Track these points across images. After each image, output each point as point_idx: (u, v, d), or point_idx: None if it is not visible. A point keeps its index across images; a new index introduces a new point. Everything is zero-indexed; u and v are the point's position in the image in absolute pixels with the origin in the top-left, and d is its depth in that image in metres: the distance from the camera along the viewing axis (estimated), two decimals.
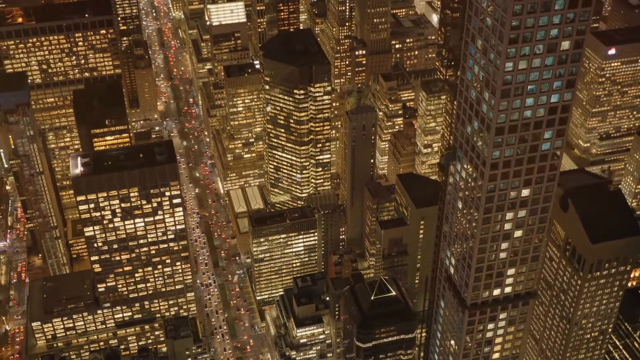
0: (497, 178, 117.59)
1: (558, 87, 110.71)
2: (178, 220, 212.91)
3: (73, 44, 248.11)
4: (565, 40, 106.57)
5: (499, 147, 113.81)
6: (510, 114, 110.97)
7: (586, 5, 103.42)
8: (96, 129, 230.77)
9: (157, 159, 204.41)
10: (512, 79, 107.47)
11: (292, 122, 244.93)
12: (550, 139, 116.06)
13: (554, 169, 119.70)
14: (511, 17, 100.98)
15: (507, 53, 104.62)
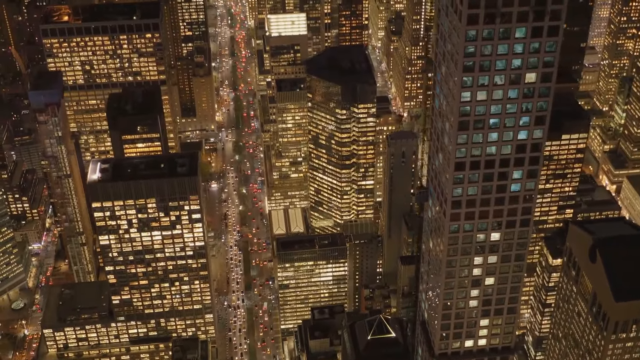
0: (461, 218, 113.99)
1: (526, 123, 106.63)
2: (197, 236, 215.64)
3: (117, 46, 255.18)
4: (530, 72, 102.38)
5: (460, 184, 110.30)
6: (471, 148, 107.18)
7: (552, 35, 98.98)
8: (127, 134, 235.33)
9: (178, 171, 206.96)
10: (471, 110, 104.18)
11: (334, 143, 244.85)
12: (521, 179, 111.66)
13: (527, 213, 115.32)
14: (464, 42, 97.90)
15: (462, 81, 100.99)
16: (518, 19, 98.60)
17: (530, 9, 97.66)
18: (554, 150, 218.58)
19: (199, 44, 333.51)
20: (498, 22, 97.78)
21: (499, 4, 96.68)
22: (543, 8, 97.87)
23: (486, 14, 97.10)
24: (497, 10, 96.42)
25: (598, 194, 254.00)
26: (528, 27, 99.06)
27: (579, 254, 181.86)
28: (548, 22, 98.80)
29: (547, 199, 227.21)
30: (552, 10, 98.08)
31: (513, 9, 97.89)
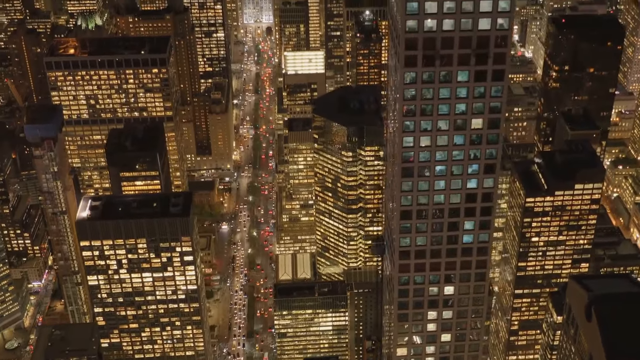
0: (410, 269, 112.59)
1: (475, 171, 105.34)
2: (190, 279, 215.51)
3: (123, 81, 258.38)
4: (476, 118, 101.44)
5: (408, 234, 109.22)
6: (417, 196, 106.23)
7: (497, 79, 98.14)
8: (126, 172, 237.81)
9: (171, 211, 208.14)
10: (414, 156, 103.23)
11: (340, 186, 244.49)
12: (473, 230, 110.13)
13: (482, 267, 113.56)
14: (403, 85, 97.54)
15: (403, 126, 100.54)
16: (459, 62, 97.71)
17: (472, 52, 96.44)
18: (567, 201, 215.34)
19: (217, 80, 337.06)
20: (438, 64, 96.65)
21: (438, 46, 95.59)
22: (485, 51, 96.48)
23: (425, 56, 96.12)
24: (436, 52, 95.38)
25: (624, 247, 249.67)
26: (471, 71, 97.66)
27: (577, 312, 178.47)
28: (492, 65, 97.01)
29: (560, 251, 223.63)
30: (496, 54, 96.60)
31: (453, 52, 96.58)
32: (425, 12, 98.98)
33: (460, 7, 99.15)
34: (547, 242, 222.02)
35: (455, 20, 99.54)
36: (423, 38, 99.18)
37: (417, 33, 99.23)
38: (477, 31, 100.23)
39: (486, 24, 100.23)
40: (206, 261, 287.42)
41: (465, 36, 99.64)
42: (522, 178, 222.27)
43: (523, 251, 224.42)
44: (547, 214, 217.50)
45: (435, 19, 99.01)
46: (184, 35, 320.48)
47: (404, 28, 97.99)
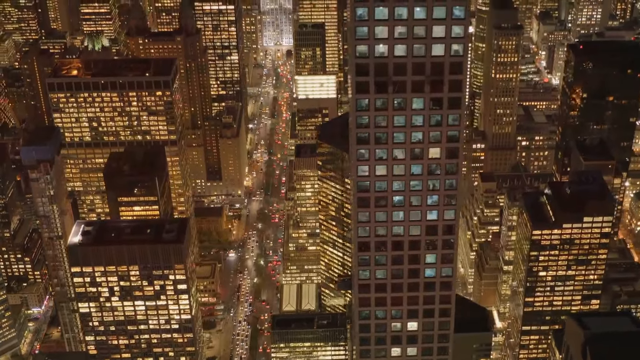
0: (371, 304, 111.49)
1: (434, 202, 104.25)
2: (184, 308, 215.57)
3: (126, 103, 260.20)
4: (433, 147, 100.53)
5: (367, 266, 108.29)
6: (375, 227, 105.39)
7: (454, 107, 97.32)
8: (124, 196, 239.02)
9: (164, 237, 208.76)
10: (370, 185, 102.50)
11: (344, 215, 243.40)
12: (435, 264, 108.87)
13: (446, 302, 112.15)
14: (356, 111, 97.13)
15: (357, 154, 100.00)
16: (414, 89, 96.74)
17: (426, 79, 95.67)
18: (576, 234, 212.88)
19: (230, 104, 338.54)
20: (391, 91, 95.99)
21: (390, 72, 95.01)
22: (440, 78, 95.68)
23: (377, 83, 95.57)
24: (388, 78, 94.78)
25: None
26: (426, 98, 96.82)
27: (574, 351, 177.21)
28: (448, 93, 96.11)
29: (570, 287, 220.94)
30: (451, 81, 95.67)
31: (406, 78, 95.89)
32: (375, 37, 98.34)
33: (412, 32, 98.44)
34: (555, 277, 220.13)
35: (408, 45, 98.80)
36: (374, 64, 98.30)
37: (368, 58, 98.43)
38: (430, 57, 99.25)
39: (440, 50, 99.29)
40: (210, 290, 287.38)
41: (419, 62, 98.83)
42: (529, 210, 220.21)
43: (530, 286, 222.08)
44: (555, 247, 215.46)
45: (387, 44, 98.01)
46: (195, 57, 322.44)
47: (354, 53, 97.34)
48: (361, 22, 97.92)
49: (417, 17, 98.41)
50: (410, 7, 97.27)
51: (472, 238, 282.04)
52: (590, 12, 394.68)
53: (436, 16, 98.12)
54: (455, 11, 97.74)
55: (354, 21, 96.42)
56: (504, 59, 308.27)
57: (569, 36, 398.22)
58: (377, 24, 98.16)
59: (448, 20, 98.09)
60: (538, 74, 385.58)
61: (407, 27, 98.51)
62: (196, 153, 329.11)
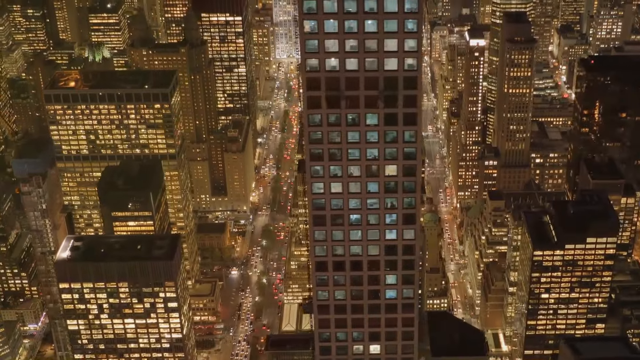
0: (331, 325, 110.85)
1: (393, 221, 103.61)
2: (174, 327, 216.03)
3: (124, 116, 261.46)
4: (389, 164, 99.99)
5: (325, 287, 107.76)
6: (332, 247, 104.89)
7: (410, 123, 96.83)
8: (117, 211, 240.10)
9: (154, 254, 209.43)
10: (325, 203, 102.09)
11: None
12: (396, 285, 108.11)
13: (409, 325, 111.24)
14: (308, 127, 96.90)
15: (311, 171, 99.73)
16: (367, 104, 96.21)
17: (379, 94, 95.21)
18: (579, 255, 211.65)
19: (236, 118, 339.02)
20: (343, 106, 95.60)
21: (342, 86, 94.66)
22: (394, 93, 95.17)
23: (329, 97, 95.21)
24: (340, 93, 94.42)
25: None
26: (380, 114, 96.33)
27: None
28: (403, 109, 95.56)
29: (573, 310, 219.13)
30: (406, 96, 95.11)
31: (359, 93, 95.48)
32: (326, 51, 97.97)
33: (363, 45, 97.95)
34: (558, 300, 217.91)
35: (359, 59, 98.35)
36: (325, 78, 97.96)
37: (319, 72, 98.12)
38: (383, 71, 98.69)
39: (393, 64, 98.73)
40: (209, 308, 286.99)
41: (371, 77, 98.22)
42: (532, 229, 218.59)
43: (532, 308, 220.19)
44: (558, 269, 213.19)
45: (338, 58, 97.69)
46: (200, 69, 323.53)
47: (304, 67, 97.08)
48: (311, 35, 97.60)
49: (368, 30, 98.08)
50: (361, 19, 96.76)
51: (480, 258, 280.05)
52: (610, 26, 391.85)
53: (388, 29, 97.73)
54: (408, 24, 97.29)
55: (303, 34, 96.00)
56: (517, 74, 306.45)
57: (589, 50, 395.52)
58: (327, 37, 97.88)
59: (400, 34, 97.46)
60: (556, 89, 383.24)
61: (358, 40, 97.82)
62: (201, 167, 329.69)
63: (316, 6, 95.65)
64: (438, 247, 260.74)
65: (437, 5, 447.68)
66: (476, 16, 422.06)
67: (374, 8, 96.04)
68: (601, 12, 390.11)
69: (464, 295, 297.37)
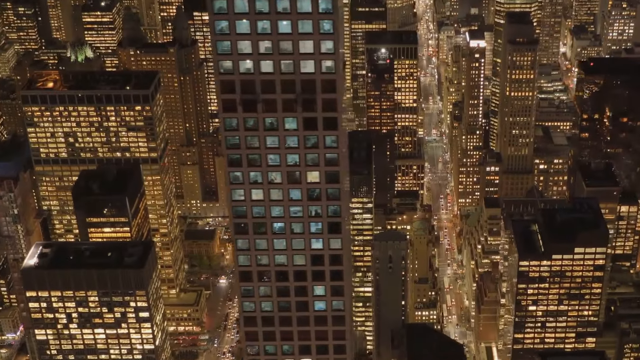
0: (259, 338, 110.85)
1: (318, 230, 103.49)
2: (146, 338, 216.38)
3: (104, 118, 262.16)
4: (311, 171, 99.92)
5: (251, 298, 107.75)
6: (256, 256, 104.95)
7: (330, 128, 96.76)
8: (92, 217, 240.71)
9: (125, 262, 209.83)
10: (247, 211, 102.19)
11: None
12: (325, 296, 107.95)
13: (340, 338, 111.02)
14: (224, 131, 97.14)
15: (231, 177, 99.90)
16: (285, 108, 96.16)
17: (297, 97, 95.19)
18: (567, 266, 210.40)
19: None
20: (260, 110, 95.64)
21: (258, 89, 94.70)
22: (312, 97, 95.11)
23: (245, 101, 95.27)
24: (256, 96, 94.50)
25: None
26: (298, 118, 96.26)
27: None
28: (322, 113, 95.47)
29: (562, 323, 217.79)
30: (324, 100, 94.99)
31: (276, 96, 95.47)
32: (239, 52, 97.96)
33: (277, 47, 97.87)
34: (546, 312, 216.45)
35: (274, 61, 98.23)
36: (240, 80, 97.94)
37: (233, 75, 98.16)
38: (300, 74, 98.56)
39: (310, 66, 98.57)
40: (194, 318, 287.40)
41: (288, 79, 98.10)
42: (519, 239, 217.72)
43: (519, 321, 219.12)
44: (545, 280, 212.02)
45: (252, 60, 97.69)
46: (190, 70, 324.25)
47: (217, 69, 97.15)
48: (222, 36, 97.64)
49: (283, 31, 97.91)
50: (274, 20, 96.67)
51: (476, 268, 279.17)
52: (622, 27, 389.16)
53: (303, 30, 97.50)
54: (325, 25, 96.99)
55: (215, 35, 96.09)
56: (519, 76, 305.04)
57: (602, 52, 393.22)
58: (239, 38, 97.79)
59: (316, 35, 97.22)
60: (565, 92, 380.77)
61: (272, 41, 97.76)
62: (191, 172, 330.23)
63: (227, 6, 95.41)
64: (428, 256, 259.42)
65: (445, 4, 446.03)
66: (484, 16, 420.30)
67: (287, 8, 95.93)
68: (612, 13, 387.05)
69: (460, 306, 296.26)
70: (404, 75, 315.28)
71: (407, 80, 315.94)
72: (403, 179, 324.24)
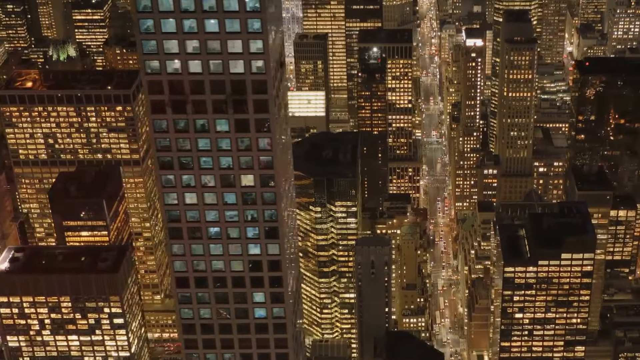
0: (199, 345, 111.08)
1: (255, 235, 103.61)
2: (121, 345, 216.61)
3: (84, 119, 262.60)
4: (245, 174, 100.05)
5: (189, 304, 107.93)
6: (192, 262, 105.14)
7: (263, 130, 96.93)
8: (69, 220, 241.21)
9: (98, 266, 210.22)
10: (181, 215, 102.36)
11: (310, 246, 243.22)
12: (265, 303, 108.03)
13: (282, 346, 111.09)
14: (154, 133, 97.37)
15: (162, 180, 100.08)
16: (215, 110, 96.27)
17: (227, 98, 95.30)
18: (553, 272, 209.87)
19: None
20: (190, 111, 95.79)
21: (187, 90, 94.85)
22: (242, 98, 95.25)
23: (174, 102, 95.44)
24: (186, 96, 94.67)
25: None
26: (230, 120, 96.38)
27: None
28: (254, 114, 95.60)
29: (550, 331, 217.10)
30: (256, 101, 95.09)
31: (206, 97, 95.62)
32: (166, 52, 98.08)
33: (205, 46, 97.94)
34: (533, 320, 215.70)
35: (203, 61, 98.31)
36: (168, 81, 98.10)
37: (161, 75, 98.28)
38: (229, 74, 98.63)
39: (240, 66, 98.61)
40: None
41: (217, 80, 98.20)
42: (505, 244, 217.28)
43: (505, 329, 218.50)
44: (531, 286, 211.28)
45: (180, 60, 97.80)
46: None
47: (144, 69, 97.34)
48: (148, 35, 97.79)
49: (210, 30, 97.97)
50: (200, 19, 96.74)
51: (469, 274, 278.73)
52: (627, 25, 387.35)
53: (231, 29, 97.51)
54: (253, 24, 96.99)
55: (140, 34, 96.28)
56: (517, 76, 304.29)
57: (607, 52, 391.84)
58: (165, 37, 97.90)
59: (244, 34, 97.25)
60: (569, 93, 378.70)
61: (199, 41, 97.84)
62: None
63: (151, 4, 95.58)
64: (416, 261, 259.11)
65: (447, 2, 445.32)
66: (487, 14, 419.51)
67: (213, 7, 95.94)
68: (617, 11, 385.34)
69: (454, 313, 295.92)
70: (398, 75, 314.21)
71: (401, 80, 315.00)
72: (398, 182, 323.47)
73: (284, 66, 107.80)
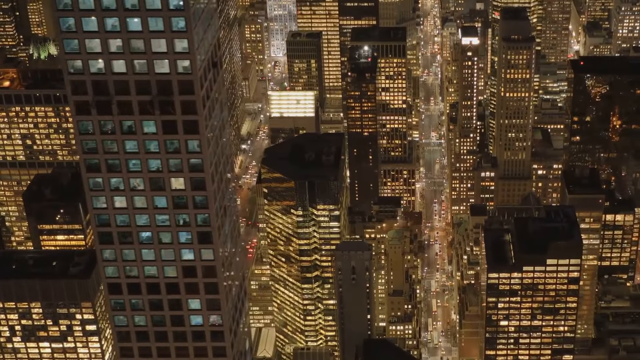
0: (135, 354, 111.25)
1: (188, 240, 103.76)
2: (94, 352, 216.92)
3: (63, 119, 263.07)
4: (175, 177, 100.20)
5: (122, 311, 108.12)
6: (124, 267, 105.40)
7: (191, 132, 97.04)
8: (44, 224, 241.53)
9: (70, 272, 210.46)
10: (110, 219, 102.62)
11: (292, 250, 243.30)
12: (201, 310, 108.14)
13: (220, 354, 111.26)
14: (79, 135, 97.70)
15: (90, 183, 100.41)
16: (141, 111, 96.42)
17: (153, 99, 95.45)
18: (539, 279, 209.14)
19: None
20: (116, 112, 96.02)
21: (112, 90, 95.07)
22: (168, 98, 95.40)
23: (99, 102, 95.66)
24: (111, 97, 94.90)
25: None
26: (157, 121, 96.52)
27: None
28: (182, 116, 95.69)
29: (537, 339, 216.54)
30: (183, 102, 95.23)
31: (132, 98, 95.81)
32: (88, 51, 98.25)
33: (129, 45, 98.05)
34: (518, 328, 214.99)
35: (127, 61, 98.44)
36: (92, 81, 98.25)
37: (84, 75, 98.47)
38: (155, 75, 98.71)
39: (165, 66, 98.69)
40: None
41: (142, 80, 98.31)
42: (490, 249, 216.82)
43: (490, 337, 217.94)
44: (516, 293, 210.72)
45: (103, 59, 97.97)
46: None
47: (66, 69, 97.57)
48: (69, 34, 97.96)
49: (133, 29, 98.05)
50: (122, 17, 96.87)
51: (461, 279, 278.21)
52: (632, 24, 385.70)
53: (154, 28, 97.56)
54: (178, 22, 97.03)
55: (62, 33, 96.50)
56: (515, 76, 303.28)
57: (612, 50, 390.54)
58: (87, 36, 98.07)
59: (168, 33, 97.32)
60: None
61: (122, 40, 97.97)
62: None
63: (72, 2, 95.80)
64: (403, 267, 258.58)
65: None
66: (488, 12, 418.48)
67: (135, 5, 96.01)
68: (622, 9, 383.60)
69: (447, 320, 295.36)
70: (392, 74, 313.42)
71: (395, 80, 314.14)
72: (393, 185, 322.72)
73: (218, 66, 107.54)
